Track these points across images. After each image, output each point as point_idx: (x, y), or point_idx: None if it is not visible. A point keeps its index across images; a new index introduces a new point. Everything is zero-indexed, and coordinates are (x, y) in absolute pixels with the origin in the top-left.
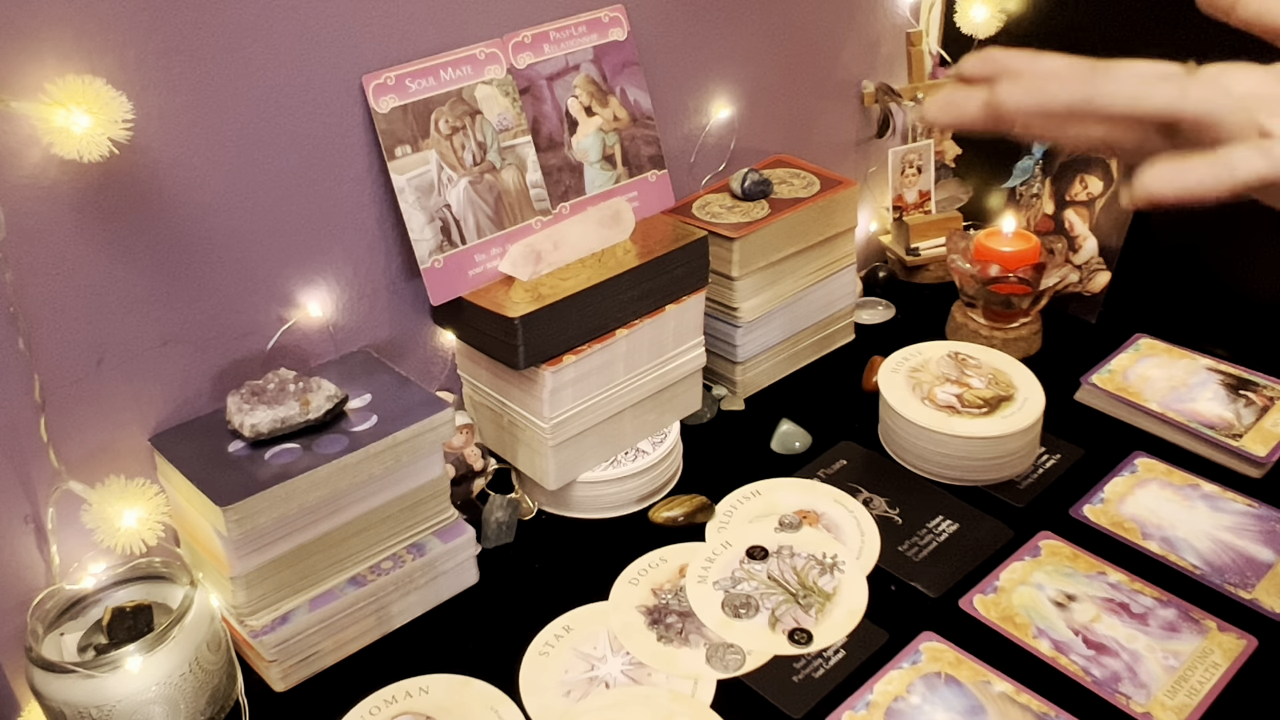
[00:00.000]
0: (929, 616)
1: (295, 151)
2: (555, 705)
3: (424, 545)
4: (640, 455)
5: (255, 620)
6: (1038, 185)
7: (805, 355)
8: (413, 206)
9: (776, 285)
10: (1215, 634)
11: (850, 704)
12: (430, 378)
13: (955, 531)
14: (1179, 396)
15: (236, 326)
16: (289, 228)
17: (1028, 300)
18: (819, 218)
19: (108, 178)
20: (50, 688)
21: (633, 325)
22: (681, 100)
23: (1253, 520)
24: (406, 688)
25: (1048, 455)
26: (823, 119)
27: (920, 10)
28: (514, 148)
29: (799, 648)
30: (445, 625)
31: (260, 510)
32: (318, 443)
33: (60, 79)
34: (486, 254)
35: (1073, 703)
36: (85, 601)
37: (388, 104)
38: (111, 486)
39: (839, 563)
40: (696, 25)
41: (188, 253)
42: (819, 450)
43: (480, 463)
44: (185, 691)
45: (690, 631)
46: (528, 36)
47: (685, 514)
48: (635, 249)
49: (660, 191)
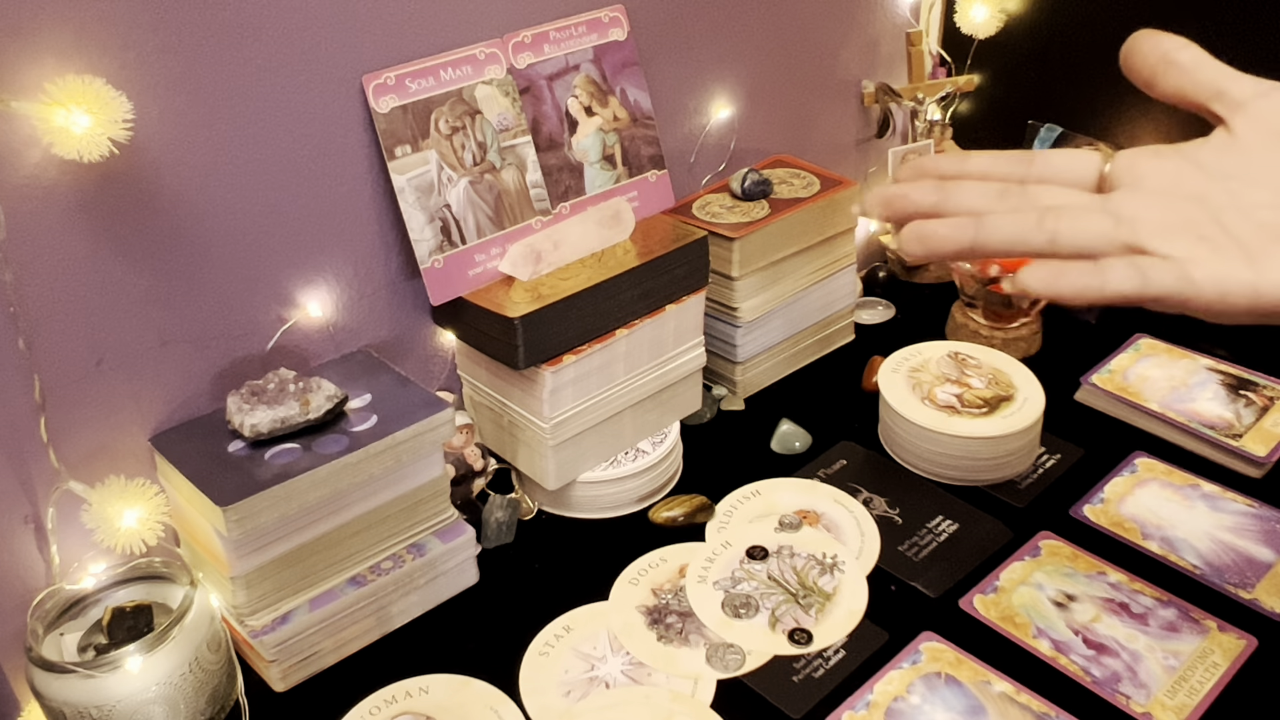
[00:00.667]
0: (929, 616)
1: (295, 151)
2: (555, 705)
3: (424, 545)
4: (640, 455)
5: (255, 620)
6: None
7: (805, 355)
8: (413, 206)
9: (776, 285)
10: (1215, 634)
11: (850, 704)
12: (430, 378)
13: (955, 531)
14: (1179, 396)
15: (236, 326)
16: (289, 228)
17: (1028, 300)
18: (819, 218)
19: (108, 178)
20: (50, 688)
21: (633, 325)
22: (681, 100)
23: (1253, 520)
24: (406, 688)
25: (1048, 455)
26: (823, 119)
27: (920, 10)
28: (514, 148)
29: (799, 648)
30: (445, 625)
31: (260, 510)
32: (318, 443)
33: (60, 79)
34: (486, 254)
35: (1073, 703)
36: (85, 601)
37: (388, 104)
38: (111, 486)
39: (839, 563)
40: (696, 25)
41: (188, 252)
42: (819, 450)
43: (480, 463)
44: (185, 691)
45: (690, 631)
46: (528, 36)
47: (685, 514)
48: (635, 249)
49: (660, 191)
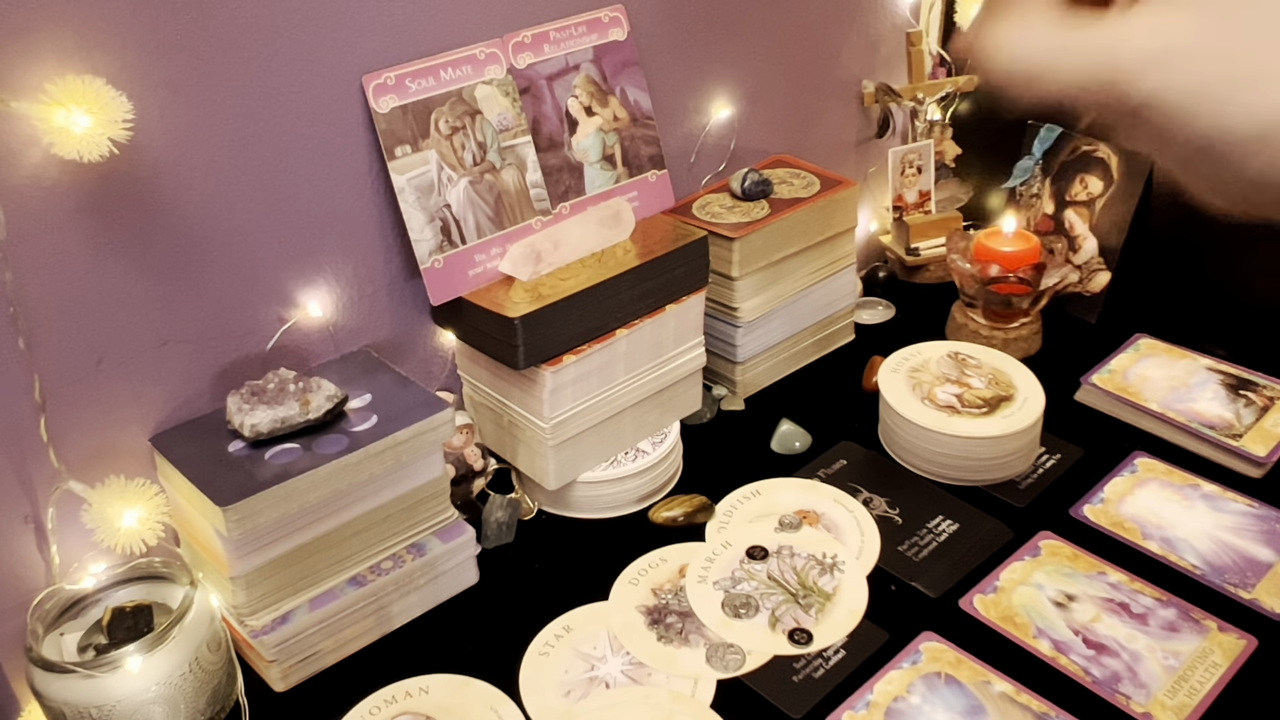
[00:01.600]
0: (929, 616)
1: (295, 151)
2: (555, 705)
3: (424, 545)
4: (640, 455)
5: (255, 620)
6: (1038, 185)
7: (805, 355)
8: (413, 206)
9: (776, 285)
10: (1215, 634)
11: (850, 704)
12: (430, 378)
13: (955, 531)
14: (1179, 396)
15: (236, 326)
16: (289, 228)
17: (1028, 300)
18: (819, 218)
19: (108, 178)
20: (50, 688)
21: (633, 325)
22: (681, 100)
23: (1253, 520)
24: (406, 688)
25: (1048, 455)
26: (823, 119)
27: (920, 10)
28: (514, 148)
29: (799, 648)
30: (445, 625)
31: (260, 510)
32: (318, 443)
33: (60, 79)
34: (486, 254)
35: (1073, 703)
36: (85, 601)
37: (388, 104)
38: (111, 486)
39: (839, 563)
40: (696, 25)
41: (188, 253)
42: (819, 450)
43: (480, 463)
44: (185, 691)
45: (690, 631)
46: (528, 36)
47: (685, 514)
48: (635, 249)
49: (660, 191)
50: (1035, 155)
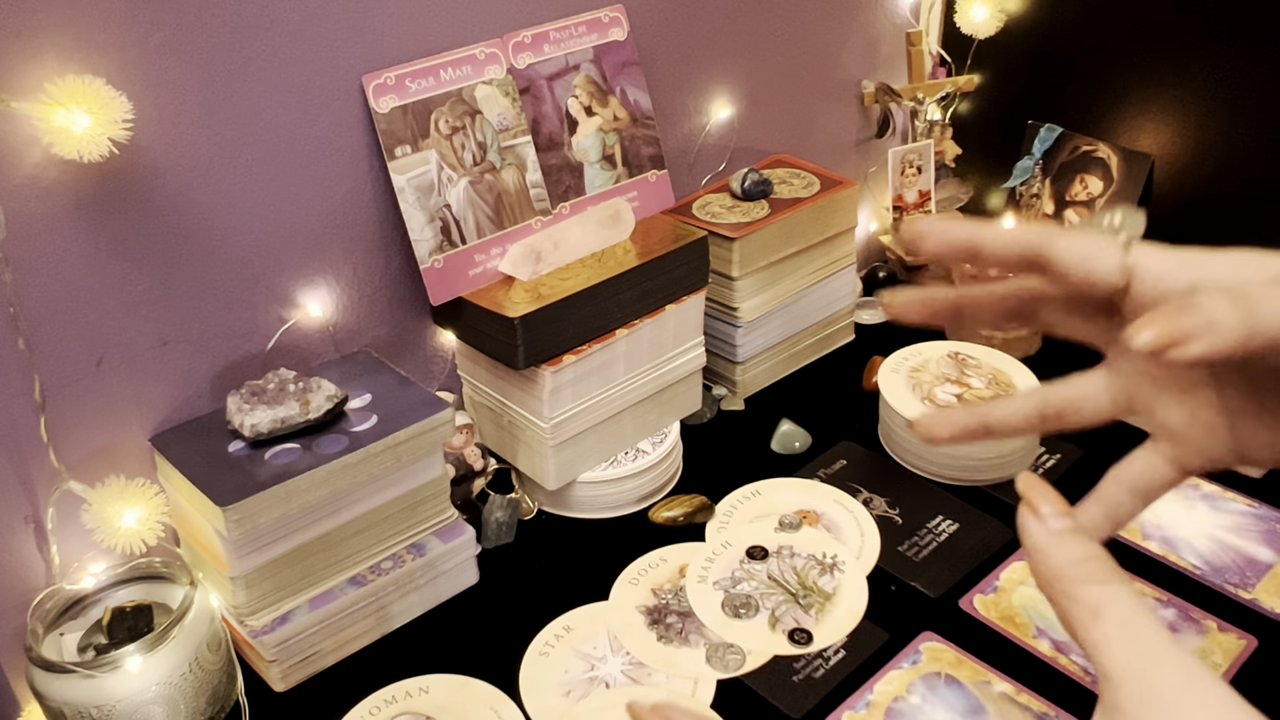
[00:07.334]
0: (929, 616)
1: (295, 151)
2: (555, 705)
3: (424, 545)
4: (640, 455)
5: (255, 620)
6: (1038, 185)
7: (805, 355)
8: (413, 206)
9: (776, 285)
10: (1215, 634)
11: (850, 704)
12: (430, 378)
13: (955, 531)
14: None
15: (236, 326)
16: (289, 227)
17: None
18: (819, 218)
19: (107, 178)
20: (50, 688)
21: (633, 325)
22: (681, 100)
23: (1253, 520)
24: (406, 688)
25: (1048, 455)
26: (823, 119)
27: (920, 10)
28: (514, 148)
29: (799, 648)
30: (445, 625)
31: (260, 510)
32: (318, 443)
33: (60, 79)
34: (486, 254)
35: (1073, 703)
36: (85, 601)
37: (388, 104)
38: (111, 486)
39: (839, 563)
40: (696, 25)
41: (187, 253)
42: (819, 450)
43: (480, 463)
44: (185, 691)
45: (690, 631)
46: (528, 36)
47: (685, 514)
48: (635, 249)
49: (660, 191)
50: (1035, 155)
